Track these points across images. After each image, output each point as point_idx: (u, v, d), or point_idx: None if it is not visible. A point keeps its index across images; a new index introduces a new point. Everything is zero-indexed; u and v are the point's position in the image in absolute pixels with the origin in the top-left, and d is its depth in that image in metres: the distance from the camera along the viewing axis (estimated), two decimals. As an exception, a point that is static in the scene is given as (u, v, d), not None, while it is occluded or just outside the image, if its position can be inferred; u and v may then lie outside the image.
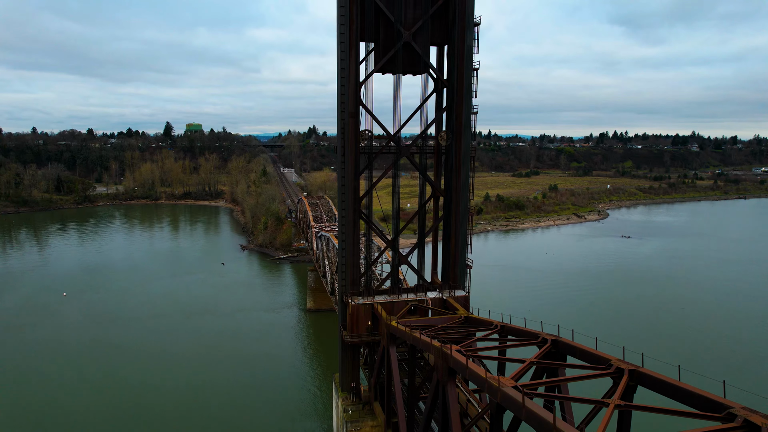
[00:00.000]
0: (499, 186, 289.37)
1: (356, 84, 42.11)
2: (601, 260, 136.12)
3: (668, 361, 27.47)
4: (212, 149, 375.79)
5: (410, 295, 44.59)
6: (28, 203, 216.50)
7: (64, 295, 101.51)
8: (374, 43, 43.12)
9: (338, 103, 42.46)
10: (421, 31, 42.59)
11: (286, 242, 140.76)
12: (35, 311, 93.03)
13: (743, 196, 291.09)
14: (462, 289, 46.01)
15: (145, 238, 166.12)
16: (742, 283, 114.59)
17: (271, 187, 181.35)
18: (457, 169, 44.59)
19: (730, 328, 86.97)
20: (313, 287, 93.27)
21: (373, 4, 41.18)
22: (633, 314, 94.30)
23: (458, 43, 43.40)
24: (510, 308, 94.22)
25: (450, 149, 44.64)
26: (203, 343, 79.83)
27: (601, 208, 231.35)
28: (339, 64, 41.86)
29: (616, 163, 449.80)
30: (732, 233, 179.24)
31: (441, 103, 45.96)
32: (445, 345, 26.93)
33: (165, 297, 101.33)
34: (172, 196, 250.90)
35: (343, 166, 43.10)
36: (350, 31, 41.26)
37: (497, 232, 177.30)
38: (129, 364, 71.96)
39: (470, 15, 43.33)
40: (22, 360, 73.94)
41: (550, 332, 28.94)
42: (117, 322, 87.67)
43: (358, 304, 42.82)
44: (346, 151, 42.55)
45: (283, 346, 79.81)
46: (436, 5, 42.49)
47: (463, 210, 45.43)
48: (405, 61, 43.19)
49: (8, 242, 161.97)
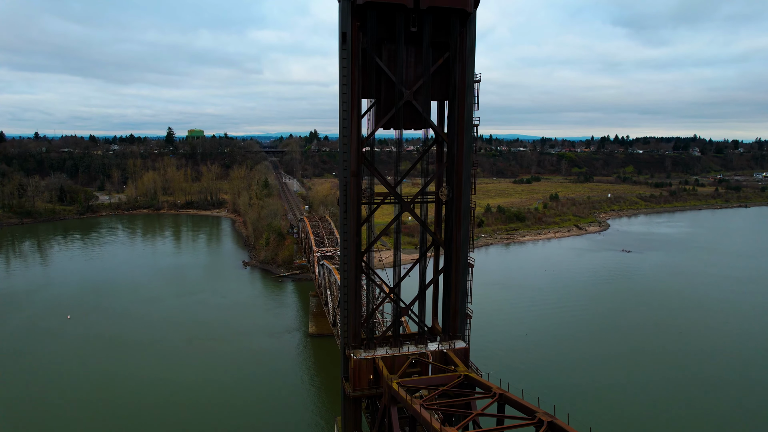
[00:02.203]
0: (500, 194, 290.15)
1: (358, 143, 42.81)
2: (600, 278, 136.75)
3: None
4: (214, 156, 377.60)
5: (411, 348, 45.28)
6: (31, 214, 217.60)
7: (69, 317, 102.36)
8: (376, 100, 43.83)
9: (341, 160, 43.21)
10: (422, 90, 43.23)
11: (288, 259, 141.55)
12: (39, 336, 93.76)
13: (744, 205, 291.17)
14: (462, 340, 46.69)
15: (147, 253, 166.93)
16: (741, 305, 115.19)
17: (272, 201, 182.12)
18: (458, 223, 45.24)
19: (730, 362, 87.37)
20: (315, 312, 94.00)
21: (375, 64, 41.88)
22: (629, 339, 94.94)
23: (458, 100, 44.07)
24: (508, 331, 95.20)
25: (450, 203, 45.31)
26: (203, 369, 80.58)
27: (602, 218, 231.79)
28: (341, 123, 42.55)
29: (618, 168, 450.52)
30: (733, 246, 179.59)
31: (441, 157, 46.67)
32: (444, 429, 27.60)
33: (167, 320, 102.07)
34: (174, 206, 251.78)
35: (345, 221, 43.80)
36: (352, 90, 41.91)
37: (498, 245, 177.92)
38: (130, 394, 72.69)
39: (470, 73, 44.01)
40: (23, 390, 74.68)
41: (548, 378, 29.53)
42: (119, 347, 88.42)
43: (360, 359, 43.53)
44: (348, 207, 43.26)
45: (284, 374, 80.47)
46: (436, 64, 43.16)
47: (463, 262, 46.11)
48: (406, 118, 43.82)
49: (13, 256, 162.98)
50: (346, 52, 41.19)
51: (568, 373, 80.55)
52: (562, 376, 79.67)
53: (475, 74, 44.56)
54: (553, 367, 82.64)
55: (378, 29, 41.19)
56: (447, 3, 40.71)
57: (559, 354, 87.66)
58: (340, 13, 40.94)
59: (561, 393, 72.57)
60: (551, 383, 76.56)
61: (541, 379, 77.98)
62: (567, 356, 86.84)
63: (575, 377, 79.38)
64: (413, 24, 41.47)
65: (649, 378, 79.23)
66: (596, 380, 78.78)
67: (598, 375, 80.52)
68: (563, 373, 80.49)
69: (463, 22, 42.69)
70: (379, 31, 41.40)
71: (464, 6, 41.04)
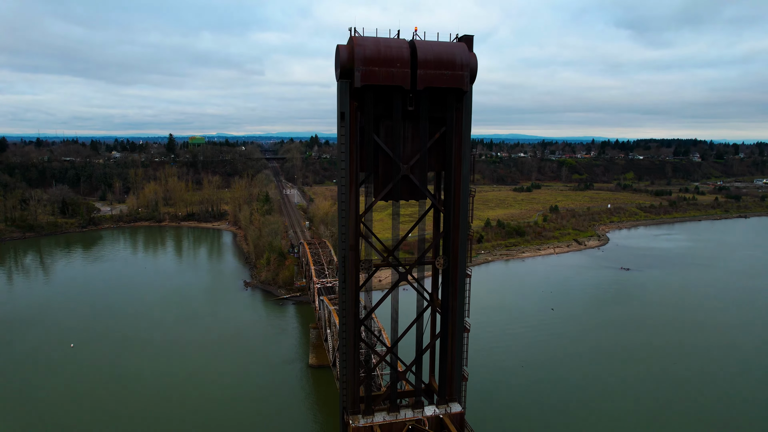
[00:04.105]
0: (500, 204, 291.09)
1: (357, 217, 43.84)
2: (598, 300, 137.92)
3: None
4: (215, 163, 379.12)
5: (408, 413, 46.36)
6: (34, 228, 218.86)
7: (72, 346, 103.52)
8: (374, 174, 44.82)
9: (340, 233, 44.21)
10: (419, 164, 44.24)
11: (288, 280, 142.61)
12: (40, 369, 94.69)
13: (744, 215, 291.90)
14: (458, 403, 47.76)
15: (149, 272, 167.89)
16: (737, 331, 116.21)
17: (273, 218, 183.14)
18: (454, 291, 46.31)
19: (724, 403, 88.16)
20: (315, 344, 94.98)
21: (373, 141, 42.88)
22: (621, 372, 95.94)
23: (455, 171, 45.14)
24: (504, 363, 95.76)
25: (446, 272, 46.33)
26: (202, 403, 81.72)
27: (601, 231, 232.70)
28: (340, 197, 43.57)
29: (618, 175, 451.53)
30: (732, 263, 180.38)
31: (438, 226, 47.70)
32: None
33: (168, 349, 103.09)
34: (175, 218, 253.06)
35: (344, 291, 44.84)
36: (351, 166, 42.98)
37: (498, 262, 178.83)
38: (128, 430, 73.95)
39: (466, 145, 45.05)
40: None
41: None
42: (119, 381, 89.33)
43: (359, 426, 44.59)
44: (347, 278, 44.29)
45: (285, 408, 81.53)
46: (433, 139, 44.20)
47: (459, 328, 47.16)
48: (404, 190, 44.82)
49: (16, 274, 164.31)
50: (344, 130, 42.23)
51: (561, 409, 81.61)
52: (555, 412, 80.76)
53: (471, 147, 45.65)
54: (549, 404, 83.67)
55: (376, 108, 42.20)
56: (443, 83, 41.72)
57: (556, 387, 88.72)
58: (339, 94, 41.90)
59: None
60: (545, 421, 77.73)
61: (534, 416, 79.14)
62: (563, 394, 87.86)
63: (566, 414, 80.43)
64: (410, 103, 42.50)
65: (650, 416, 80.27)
66: (589, 415, 79.82)
67: (591, 408, 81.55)
68: (556, 409, 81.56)
69: (459, 99, 43.76)
70: (377, 109, 42.40)
71: (460, 85, 42.06)
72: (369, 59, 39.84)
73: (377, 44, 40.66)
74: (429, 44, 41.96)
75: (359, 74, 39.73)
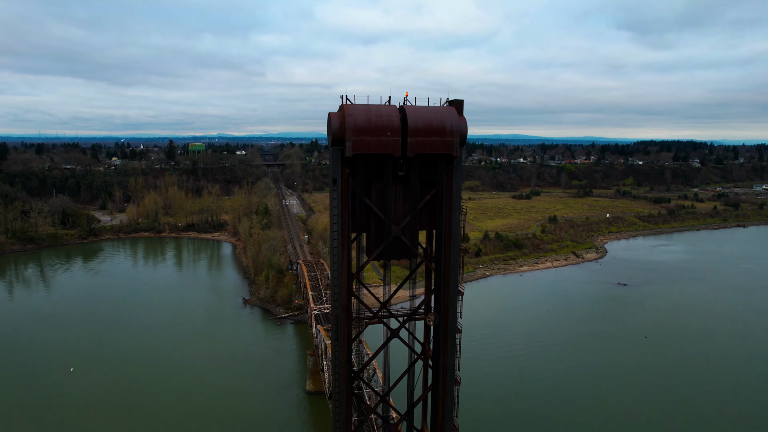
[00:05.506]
0: (499, 213, 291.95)
1: (349, 277, 44.78)
2: (594, 317, 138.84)
3: None
4: (215, 171, 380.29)
5: (400, 467, 47.32)
6: (34, 240, 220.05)
7: (72, 370, 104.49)
8: (365, 234, 45.76)
9: (332, 292, 45.13)
10: (410, 225, 45.17)
11: (287, 297, 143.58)
12: (39, 397, 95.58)
13: (742, 224, 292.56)
14: (450, 453, 48.68)
15: (149, 287, 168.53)
16: (733, 354, 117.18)
17: (272, 233, 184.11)
18: (444, 346, 47.22)
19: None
20: (312, 370, 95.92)
21: (364, 204, 43.82)
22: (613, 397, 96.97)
23: (445, 231, 46.02)
24: (496, 388, 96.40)
25: (437, 328, 47.26)
26: (198, 430, 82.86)
27: (599, 242, 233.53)
28: (332, 258, 44.50)
29: (617, 181, 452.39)
30: (729, 278, 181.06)
31: (430, 281, 48.63)
32: None
33: (167, 373, 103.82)
34: (175, 228, 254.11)
35: (336, 347, 45.81)
36: (343, 228, 43.90)
37: (495, 277, 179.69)
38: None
39: (456, 206, 45.94)
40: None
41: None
42: (116, 411, 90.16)
43: (351, 481, 45.55)
44: (339, 336, 45.26)
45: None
46: (423, 200, 45.13)
47: (450, 381, 48.07)
48: (395, 250, 45.72)
49: (17, 288, 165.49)
50: (336, 194, 43.15)
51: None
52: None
53: (460, 206, 46.57)
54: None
55: (367, 171, 43.16)
56: (433, 150, 42.67)
57: (548, 417, 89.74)
58: (331, 161, 42.88)
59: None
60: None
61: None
62: (556, 423, 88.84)
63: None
64: (401, 168, 43.43)
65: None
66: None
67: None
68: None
69: (450, 162, 44.68)
70: (368, 172, 43.35)
71: (450, 151, 43.01)
72: (360, 129, 40.76)
73: (368, 113, 41.57)
74: (419, 110, 42.90)
75: (350, 144, 40.65)
